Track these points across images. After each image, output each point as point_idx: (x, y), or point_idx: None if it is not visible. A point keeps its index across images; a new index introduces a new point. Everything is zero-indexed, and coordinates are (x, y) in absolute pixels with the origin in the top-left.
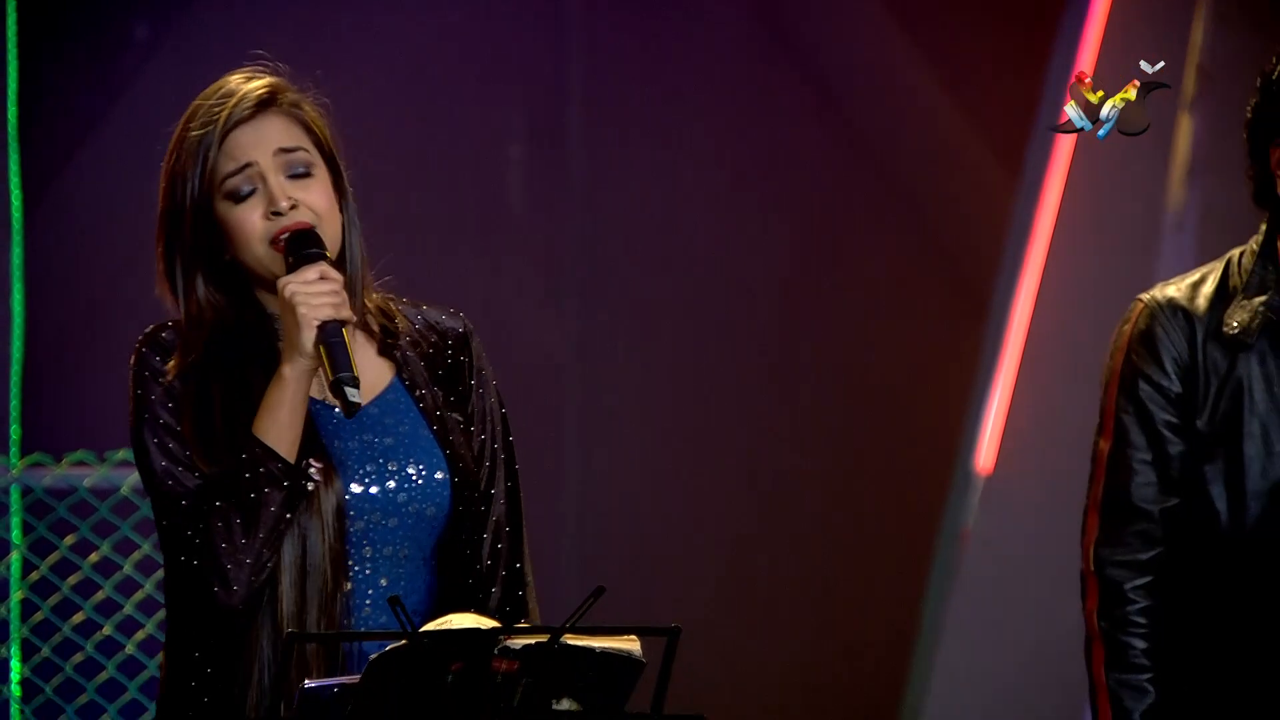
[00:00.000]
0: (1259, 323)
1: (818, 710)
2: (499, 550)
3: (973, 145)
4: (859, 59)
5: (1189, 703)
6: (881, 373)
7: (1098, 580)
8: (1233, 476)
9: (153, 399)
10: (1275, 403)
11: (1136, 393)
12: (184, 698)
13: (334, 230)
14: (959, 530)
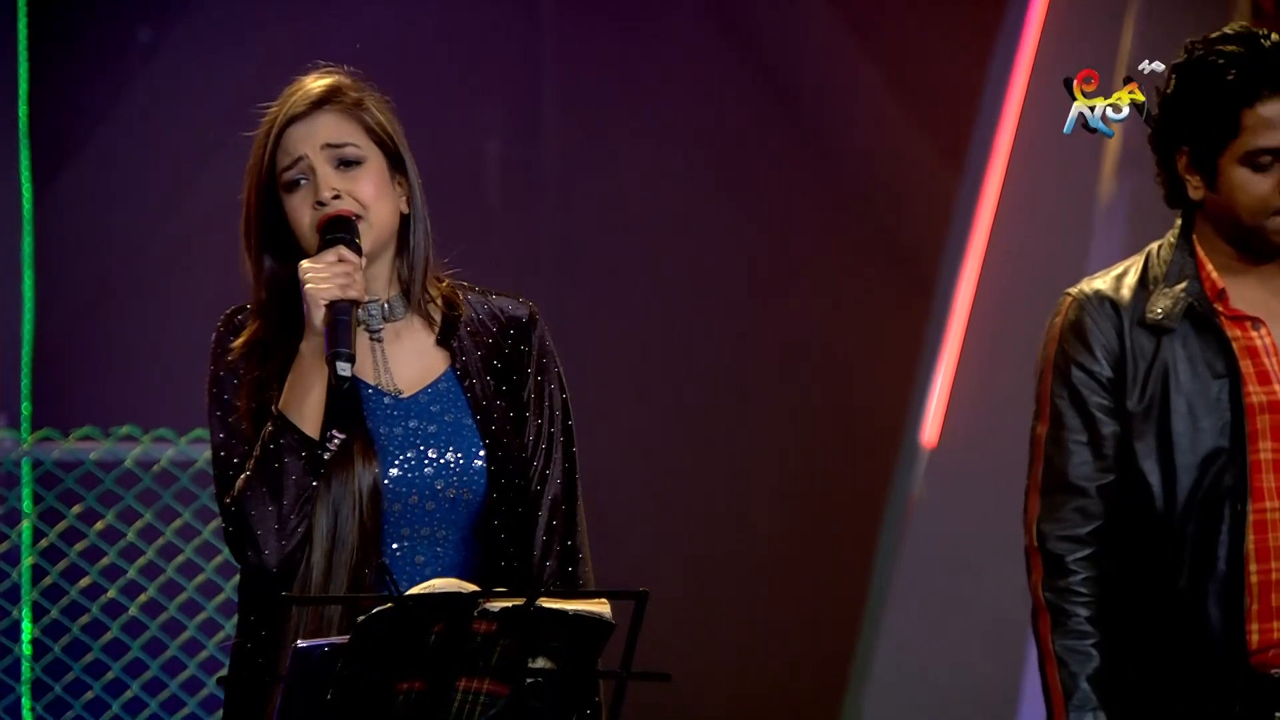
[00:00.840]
0: (1180, 309)
1: (775, 668)
2: (554, 527)
3: (918, 139)
4: (811, 59)
5: (1131, 665)
6: (834, 353)
7: (1041, 555)
8: (1163, 452)
9: (220, 375)
10: (1199, 382)
11: (1070, 379)
12: (242, 657)
13: (383, 219)
14: (906, 499)
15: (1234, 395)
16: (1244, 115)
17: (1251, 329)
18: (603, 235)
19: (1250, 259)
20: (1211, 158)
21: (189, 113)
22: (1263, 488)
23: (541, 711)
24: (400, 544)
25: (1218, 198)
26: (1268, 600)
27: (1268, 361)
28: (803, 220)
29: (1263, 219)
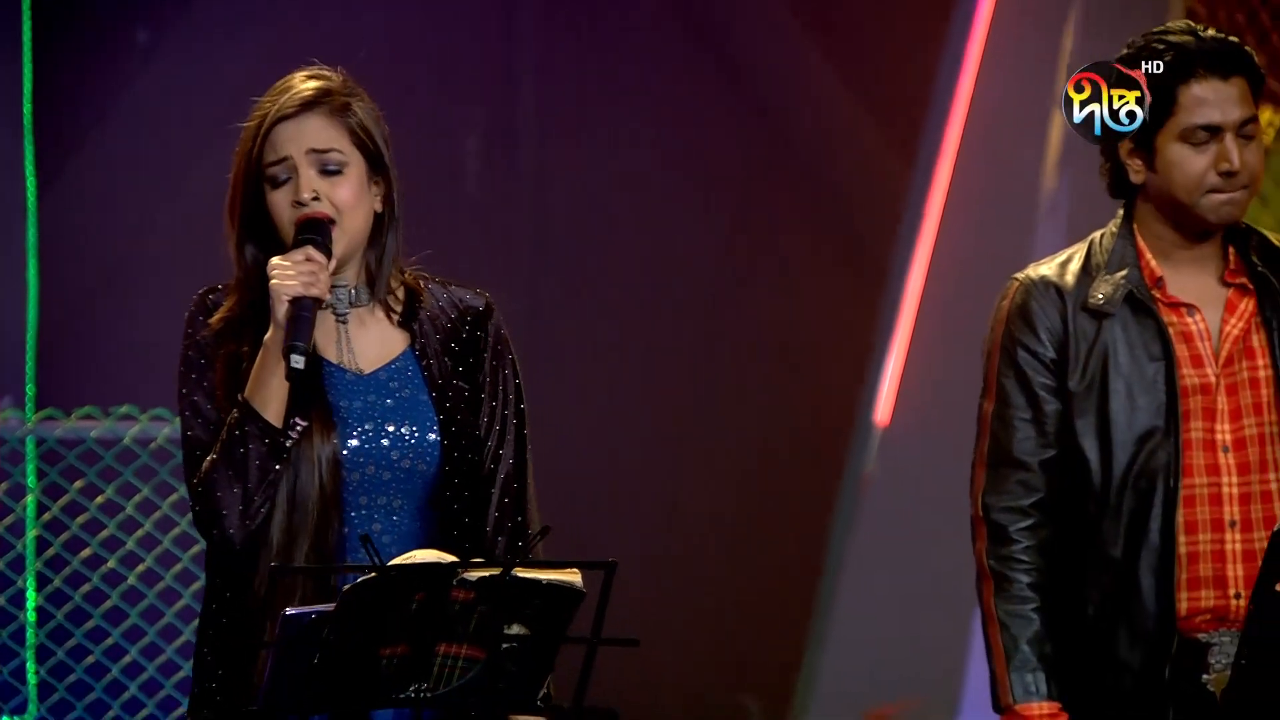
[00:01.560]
0: (1120, 294)
1: (738, 633)
2: (506, 504)
3: (872, 133)
4: (771, 61)
5: (1071, 629)
6: (792, 336)
7: (986, 524)
8: (1102, 429)
9: (190, 357)
10: (1136, 364)
11: (1015, 359)
12: (211, 620)
13: (356, 224)
14: (860, 475)
15: (1169, 378)
16: (1180, 93)
17: (1186, 315)
18: (576, 226)
19: (1187, 246)
20: (1151, 137)
21: (185, 110)
22: (1193, 465)
23: (516, 674)
24: (358, 512)
25: (1157, 178)
26: (1195, 570)
27: (1201, 346)
28: (763, 213)
29: (1198, 196)
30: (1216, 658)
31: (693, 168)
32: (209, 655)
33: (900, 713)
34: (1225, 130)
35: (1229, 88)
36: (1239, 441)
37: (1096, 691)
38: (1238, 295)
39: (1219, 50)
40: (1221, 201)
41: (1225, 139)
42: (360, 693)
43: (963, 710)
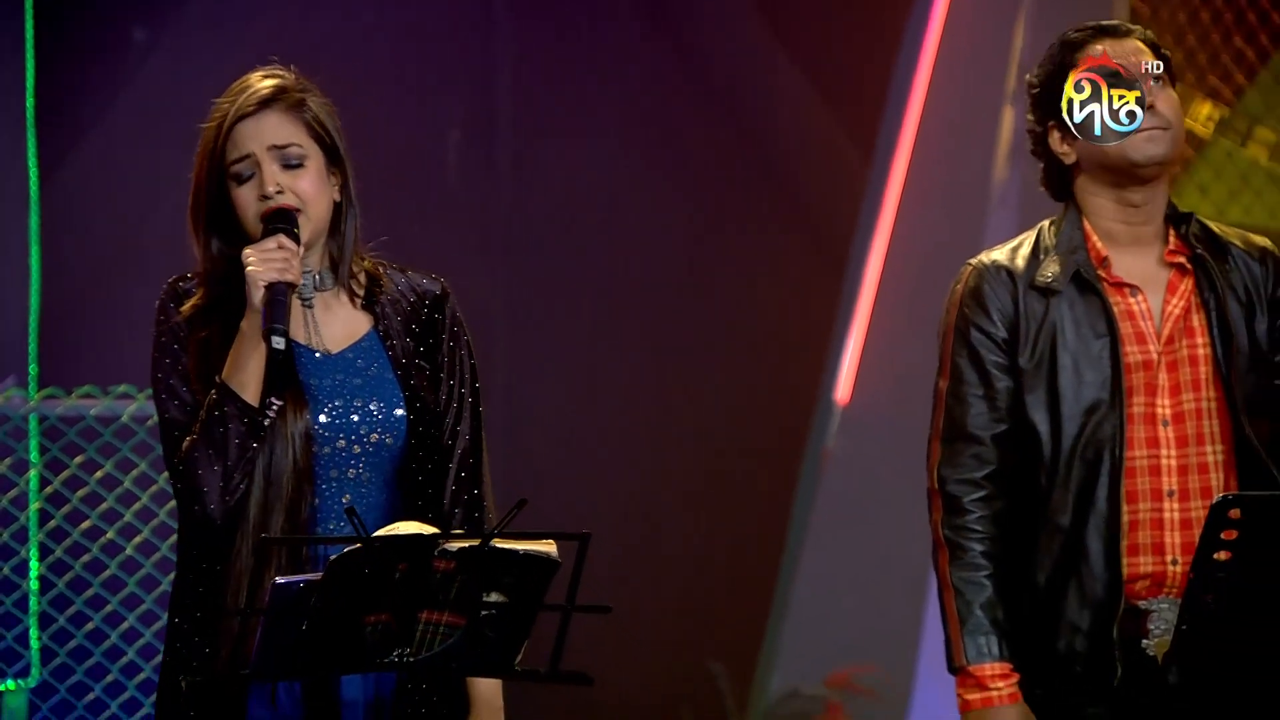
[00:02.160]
0: (1068, 273)
1: (705, 601)
2: (463, 478)
3: (833, 127)
4: (738, 58)
5: (1025, 595)
6: (757, 320)
7: (941, 496)
8: (1051, 404)
9: (164, 339)
10: (1083, 341)
11: (969, 339)
12: (186, 589)
13: (319, 212)
14: (821, 451)
15: (1113, 354)
16: (1080, 57)
17: (1130, 295)
18: (551, 214)
19: (1132, 221)
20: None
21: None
22: (1134, 438)
23: (495, 640)
24: (329, 484)
25: (1084, 143)
26: (1135, 538)
27: (1143, 325)
28: (730, 202)
29: (1122, 140)
30: (1155, 623)
31: (662, 160)
32: (182, 623)
33: (860, 676)
34: (1130, 75)
35: (1126, 41)
36: (1178, 416)
37: (1049, 654)
38: (1178, 276)
39: (1110, 24)
40: (1144, 138)
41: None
42: (345, 658)
43: (919, 673)
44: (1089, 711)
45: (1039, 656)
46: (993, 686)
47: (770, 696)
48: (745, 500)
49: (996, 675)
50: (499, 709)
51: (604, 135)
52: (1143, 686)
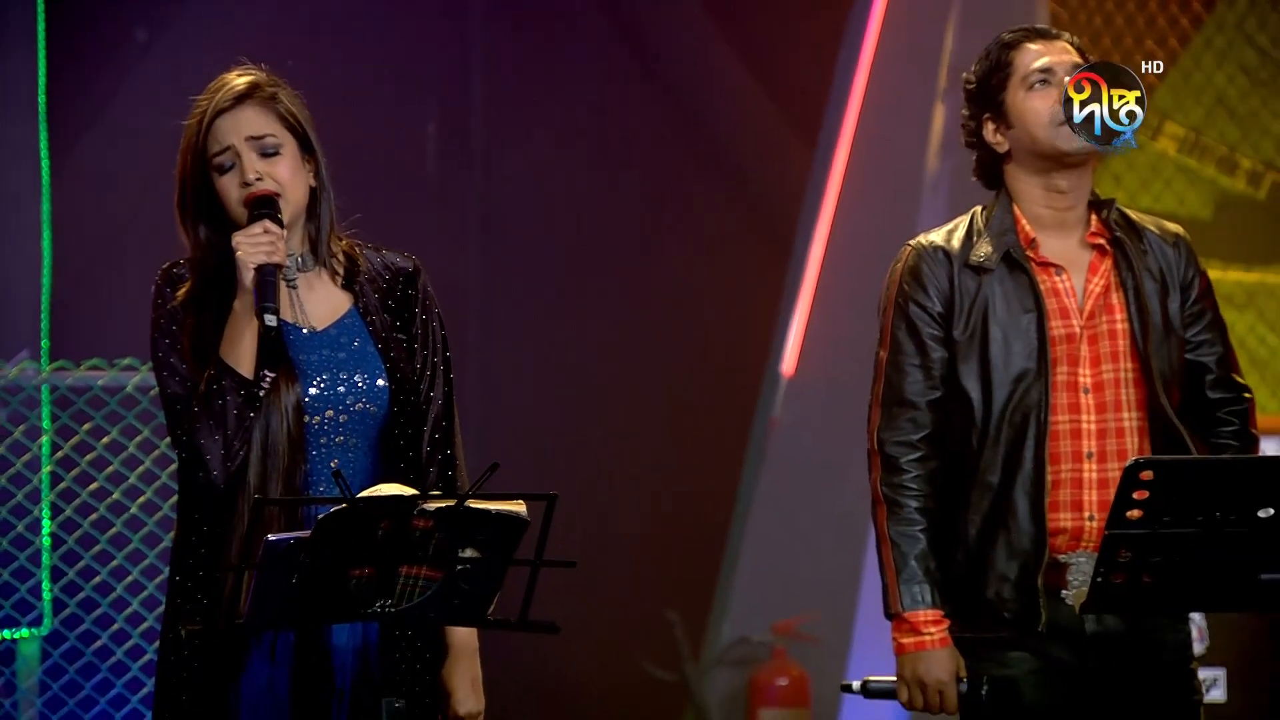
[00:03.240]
0: (999, 254)
1: (662, 556)
2: (437, 440)
3: (779, 122)
4: (690, 58)
5: (958, 549)
6: (708, 297)
7: (880, 456)
8: (982, 373)
9: (162, 321)
10: (1011, 315)
11: (907, 313)
12: (187, 548)
13: (297, 195)
14: (768, 419)
15: (1040, 328)
16: (1013, 56)
17: (1055, 274)
18: (519, 200)
19: (1058, 206)
20: (1000, 104)
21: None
22: (1058, 404)
23: (469, 592)
24: (319, 450)
25: (1015, 131)
26: (1056, 496)
27: (1067, 301)
28: (684, 190)
29: (1051, 130)
30: (1074, 575)
31: (620, 152)
32: (183, 580)
33: (804, 623)
34: (1059, 72)
35: (1055, 43)
36: (1098, 384)
37: (978, 601)
38: (1099, 257)
39: (1041, 27)
40: (1071, 132)
41: (1062, 79)
42: (333, 609)
43: (857, 620)
44: (1013, 655)
45: (969, 604)
46: (925, 631)
47: (722, 643)
48: (698, 463)
49: (929, 621)
50: (474, 652)
51: (568, 130)
52: (1062, 634)
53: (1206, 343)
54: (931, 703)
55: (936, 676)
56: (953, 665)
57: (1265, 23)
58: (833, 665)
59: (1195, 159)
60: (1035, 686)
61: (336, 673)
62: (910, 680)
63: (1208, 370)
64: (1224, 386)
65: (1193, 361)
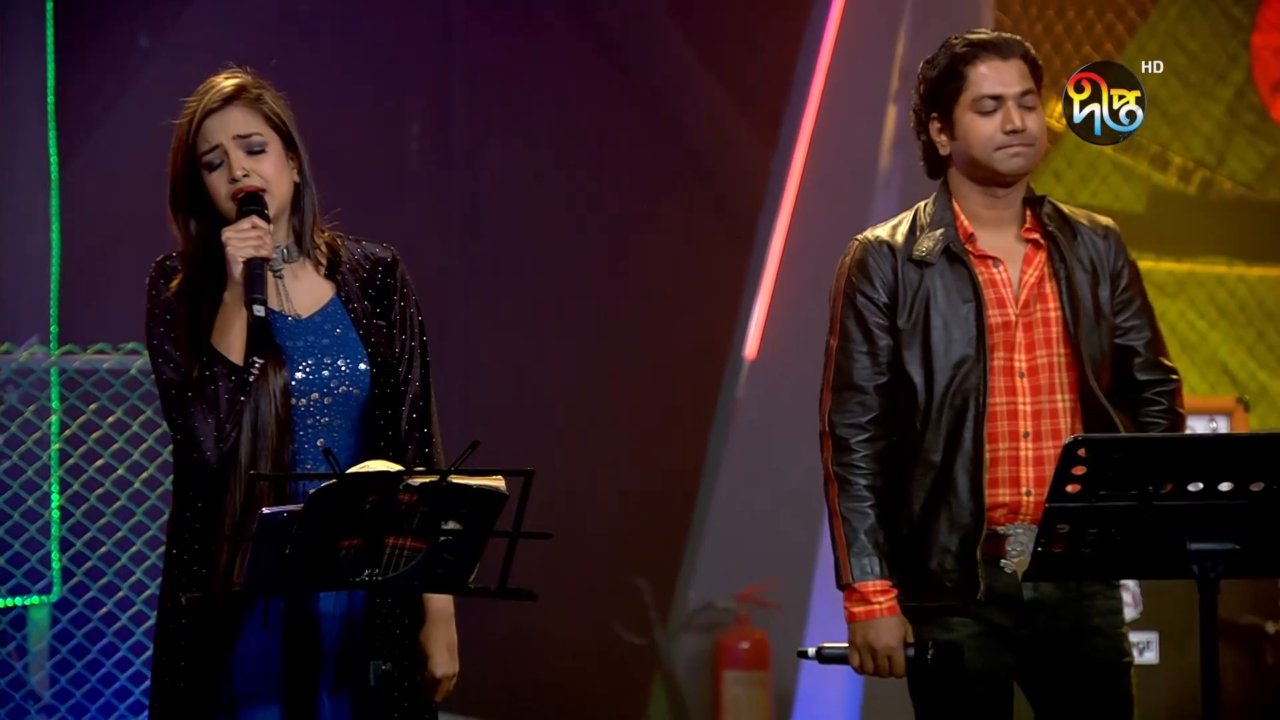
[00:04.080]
0: (939, 248)
1: (634, 527)
2: (414, 419)
3: (742, 122)
4: (659, 60)
5: (904, 524)
6: (679, 286)
7: (831, 438)
8: (925, 358)
9: (156, 311)
10: (952, 305)
11: (855, 304)
12: (183, 524)
13: (282, 190)
14: (732, 399)
15: (978, 316)
16: (968, 72)
17: (992, 266)
18: (499, 195)
19: (992, 206)
20: (951, 112)
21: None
22: (996, 386)
23: (451, 562)
24: (305, 430)
25: (959, 144)
26: (995, 472)
27: (1003, 291)
28: (653, 187)
29: (991, 151)
30: (1012, 546)
31: (594, 150)
32: (180, 552)
33: (764, 591)
34: (1007, 99)
35: (1008, 66)
36: (1033, 369)
37: (922, 571)
38: (1033, 250)
39: (998, 40)
40: (1010, 154)
41: (1008, 105)
42: (323, 578)
43: (814, 588)
44: (955, 621)
45: (914, 574)
46: (875, 600)
47: (688, 609)
48: (667, 441)
49: (878, 591)
50: (450, 618)
51: (544, 130)
52: (1001, 601)
53: (1135, 328)
54: (881, 667)
55: (885, 642)
56: (900, 632)
57: (1195, 30)
58: (792, 630)
59: (1130, 157)
60: (976, 650)
61: (324, 637)
62: (861, 646)
63: (1136, 354)
64: (1152, 369)
65: (1122, 346)
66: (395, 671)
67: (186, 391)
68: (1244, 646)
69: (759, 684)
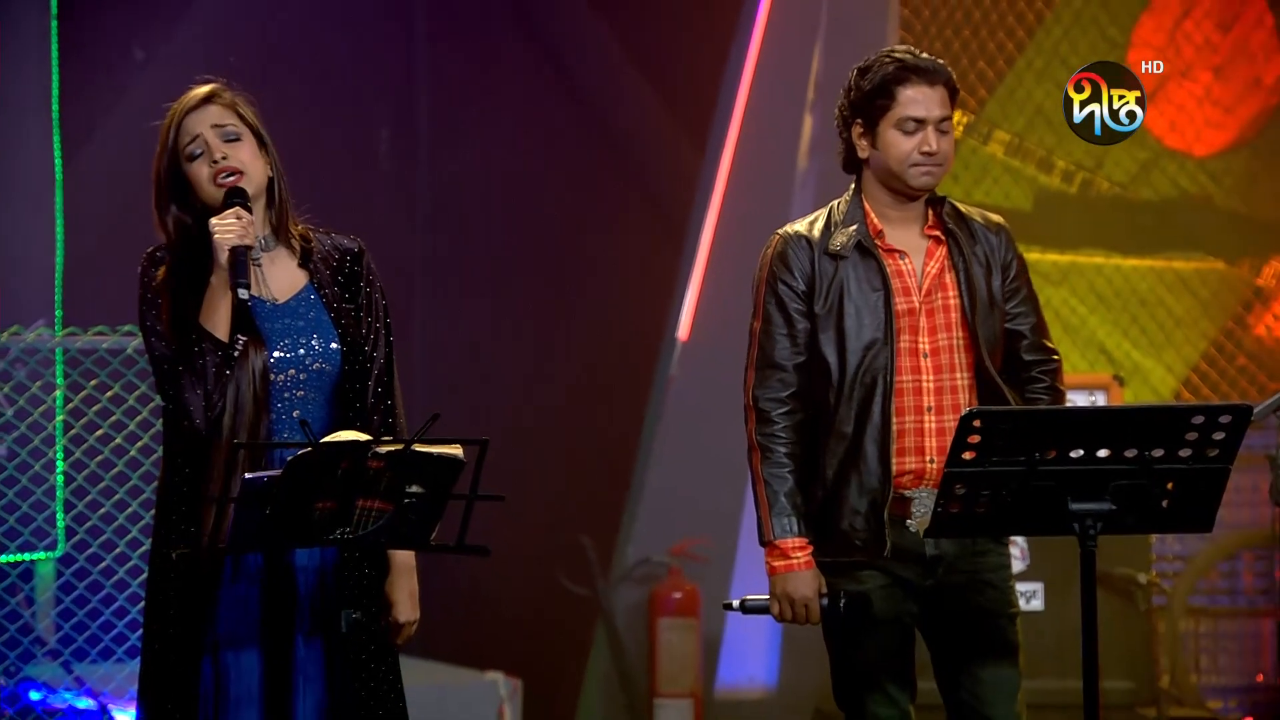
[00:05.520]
0: (851, 243)
1: (577, 490)
2: (379, 392)
3: (676, 128)
4: (600, 72)
5: (819, 488)
6: (619, 275)
7: (755, 411)
8: (839, 341)
9: (148, 296)
10: (863, 293)
11: (776, 291)
12: (172, 487)
13: (258, 175)
14: (666, 376)
15: (886, 303)
16: (898, 93)
17: (899, 259)
18: (459, 194)
19: (899, 207)
20: (874, 124)
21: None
22: (902, 366)
23: (416, 522)
24: (283, 403)
25: (878, 154)
26: (902, 443)
27: (908, 281)
28: (596, 184)
29: (905, 168)
30: (917, 508)
31: (543, 151)
32: (170, 513)
33: (694, 547)
34: (928, 123)
35: (934, 92)
36: (935, 350)
37: (835, 530)
38: (934, 245)
39: (929, 66)
40: (921, 173)
41: (927, 129)
42: (299, 535)
43: (739, 545)
44: (865, 574)
45: (828, 533)
46: (793, 555)
47: (627, 563)
48: (609, 414)
49: (796, 547)
50: (412, 569)
51: (499, 134)
52: (906, 556)
53: (1022, 314)
54: (798, 615)
55: (802, 593)
56: (816, 584)
57: (1076, 48)
58: (719, 581)
59: (1019, 160)
60: (883, 599)
61: (299, 588)
62: (780, 597)
63: (1023, 337)
64: (1036, 350)
65: (1011, 330)
66: (363, 619)
67: (178, 366)
68: (1119, 595)
69: (690, 629)
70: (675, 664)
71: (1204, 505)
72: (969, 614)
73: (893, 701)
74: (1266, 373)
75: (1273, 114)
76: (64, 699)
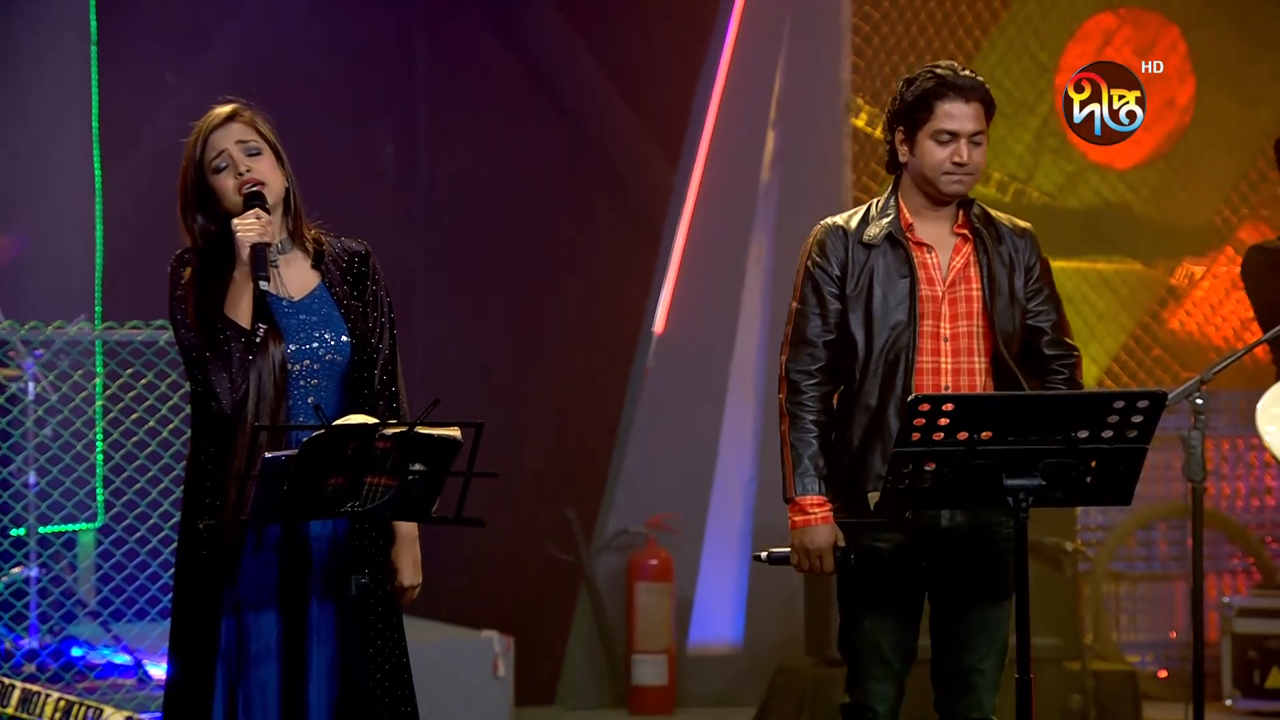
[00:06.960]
0: (883, 234)
1: (562, 468)
2: (384, 380)
3: (651, 141)
4: (580, 89)
5: (845, 456)
6: (600, 273)
7: (787, 381)
8: (867, 321)
9: (177, 293)
10: (891, 280)
11: (813, 274)
12: (199, 466)
13: (277, 185)
14: (643, 367)
15: (912, 290)
16: (936, 106)
17: (926, 252)
18: (456, 203)
19: (931, 208)
20: (914, 133)
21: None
22: (923, 348)
23: (418, 496)
24: (298, 390)
25: (916, 160)
26: None
27: (934, 272)
28: (580, 193)
29: (938, 175)
30: None
31: (531, 163)
32: (196, 488)
33: (669, 519)
34: (961, 136)
35: (969, 108)
36: (954, 335)
37: (860, 496)
38: (961, 242)
39: (966, 84)
40: (953, 181)
41: (960, 141)
42: (314, 508)
43: (708, 518)
44: (884, 534)
45: (853, 497)
46: (811, 511)
47: (608, 533)
48: (591, 400)
49: (815, 504)
50: (415, 538)
51: (491, 147)
52: (923, 521)
53: (1044, 312)
54: (815, 566)
55: (818, 545)
56: (831, 538)
57: (1010, 71)
58: (690, 550)
59: None
60: (898, 556)
61: (314, 555)
62: (798, 548)
63: (1044, 333)
64: (1057, 346)
65: (1033, 326)
66: (371, 583)
67: (205, 353)
68: (1048, 561)
69: (664, 593)
70: (651, 624)
71: (1124, 481)
72: (971, 573)
73: (888, 671)
74: (1179, 362)
75: (1185, 131)
76: (103, 655)
